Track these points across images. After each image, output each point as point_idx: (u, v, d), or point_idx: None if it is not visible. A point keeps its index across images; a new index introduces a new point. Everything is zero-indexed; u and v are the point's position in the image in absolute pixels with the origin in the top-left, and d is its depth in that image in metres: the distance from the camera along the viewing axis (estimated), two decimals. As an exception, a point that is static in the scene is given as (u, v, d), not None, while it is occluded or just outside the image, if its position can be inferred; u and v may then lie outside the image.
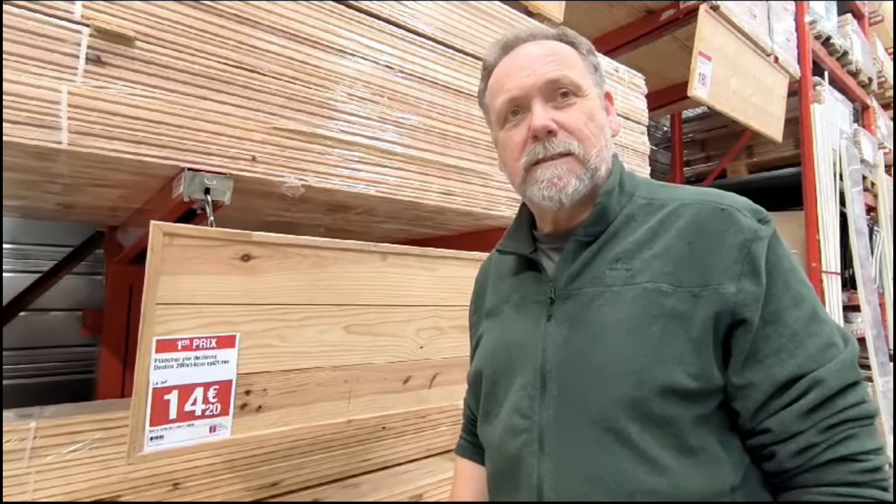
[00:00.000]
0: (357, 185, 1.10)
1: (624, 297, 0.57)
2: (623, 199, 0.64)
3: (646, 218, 0.61)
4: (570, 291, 0.61)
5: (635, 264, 0.58)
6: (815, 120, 2.94)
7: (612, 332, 0.56)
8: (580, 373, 0.57)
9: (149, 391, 0.78)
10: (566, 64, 0.63)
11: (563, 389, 0.57)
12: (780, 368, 0.52)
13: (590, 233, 0.62)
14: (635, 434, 0.52)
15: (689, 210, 0.59)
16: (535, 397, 0.59)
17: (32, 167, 0.88)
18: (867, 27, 4.04)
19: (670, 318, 0.54)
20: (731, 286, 0.53)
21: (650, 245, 0.59)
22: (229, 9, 0.95)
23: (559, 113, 0.61)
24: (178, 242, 0.79)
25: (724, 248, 0.55)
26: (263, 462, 1.21)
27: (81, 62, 0.79)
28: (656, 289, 0.55)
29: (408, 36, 1.22)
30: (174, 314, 0.80)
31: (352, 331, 1.02)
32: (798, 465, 0.51)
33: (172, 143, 0.87)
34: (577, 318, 0.59)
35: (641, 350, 0.54)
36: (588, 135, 0.61)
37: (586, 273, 0.61)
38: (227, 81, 0.94)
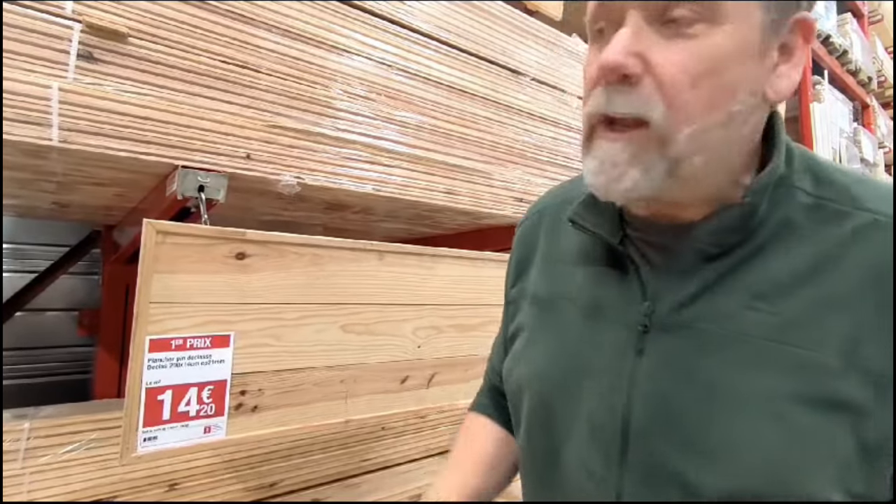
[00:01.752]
0: (354, 184, 1.09)
1: (767, 357, 0.38)
2: (779, 193, 0.41)
3: (812, 230, 0.40)
4: (679, 323, 0.42)
5: (789, 307, 0.38)
6: (814, 119, 2.93)
7: (745, 408, 0.38)
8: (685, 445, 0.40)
9: (142, 391, 0.77)
10: None
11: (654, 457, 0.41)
12: None
13: (722, 242, 0.41)
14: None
15: (886, 233, 0.38)
16: (610, 456, 0.43)
17: (24, 165, 0.88)
18: (866, 26, 4.03)
19: (838, 407, 0.36)
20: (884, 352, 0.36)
21: (816, 280, 0.38)
22: (224, 5, 0.94)
23: (657, 48, 0.37)
24: (171, 241, 0.79)
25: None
26: (261, 462, 1.20)
27: (73, 58, 0.78)
28: (820, 361, 0.37)
29: (406, 33, 1.21)
30: (168, 313, 0.79)
31: (349, 330, 1.01)
32: None
33: (165, 141, 0.86)
34: (689, 368, 0.41)
35: (789, 447, 0.36)
36: (688, 100, 0.37)
37: (707, 301, 0.41)
38: (222, 78, 0.93)
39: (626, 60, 0.37)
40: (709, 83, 0.37)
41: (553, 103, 1.53)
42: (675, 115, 0.37)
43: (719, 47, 0.36)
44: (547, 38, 1.55)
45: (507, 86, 1.41)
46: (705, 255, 0.42)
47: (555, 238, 0.53)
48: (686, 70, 0.37)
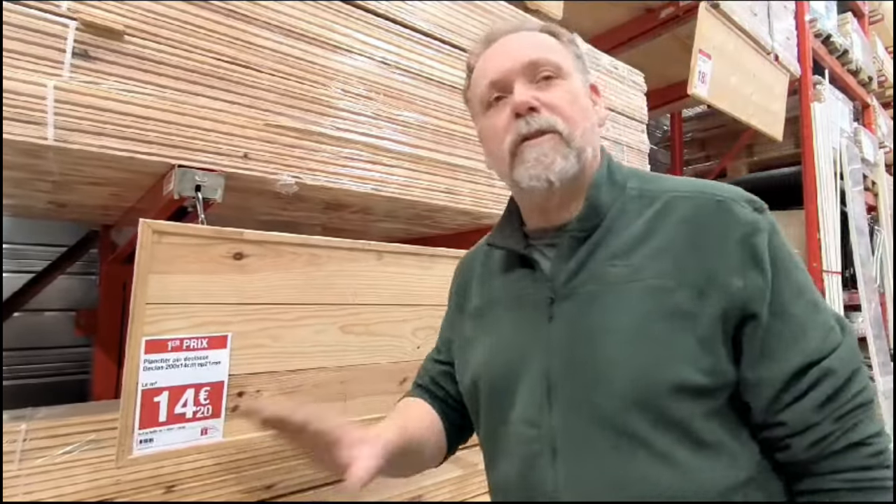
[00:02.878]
0: (354, 183, 1.08)
1: (627, 295, 0.55)
2: (614, 191, 0.62)
3: (639, 211, 0.60)
4: (571, 290, 0.59)
5: (634, 260, 0.57)
6: (815, 119, 2.92)
7: (618, 333, 0.54)
8: (588, 376, 0.55)
9: (138, 393, 0.76)
10: (547, 48, 0.63)
11: (571, 394, 0.56)
12: (790, 361, 0.53)
13: (583, 227, 0.60)
14: (650, 434, 0.52)
15: (684, 203, 0.58)
16: (542, 405, 0.57)
17: (20, 164, 0.87)
18: (867, 26, 4.03)
19: (676, 316, 0.53)
20: (738, 281, 0.53)
21: (647, 240, 0.57)
22: (222, 3, 0.93)
23: (542, 92, 0.60)
24: (167, 241, 0.78)
25: (726, 242, 0.54)
26: (259, 464, 1.19)
27: (68, 57, 0.77)
28: (660, 286, 0.54)
29: (404, 32, 1.21)
30: (164, 314, 0.79)
31: (347, 331, 1.01)
32: (813, 454, 0.52)
33: (162, 140, 0.85)
34: (581, 319, 0.57)
35: (650, 350, 0.53)
36: (571, 115, 0.60)
37: (585, 270, 0.59)
38: (219, 77, 0.92)
39: (531, 99, 0.59)
40: (577, 105, 0.61)
41: (553, 103, 1.53)
42: (570, 124, 0.60)
43: (572, 87, 0.62)
44: (547, 37, 1.54)
45: (507, 85, 1.40)
46: (577, 240, 0.60)
47: (485, 266, 0.72)
48: (563, 99, 0.60)
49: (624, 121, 1.76)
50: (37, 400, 1.17)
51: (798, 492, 0.55)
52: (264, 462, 1.20)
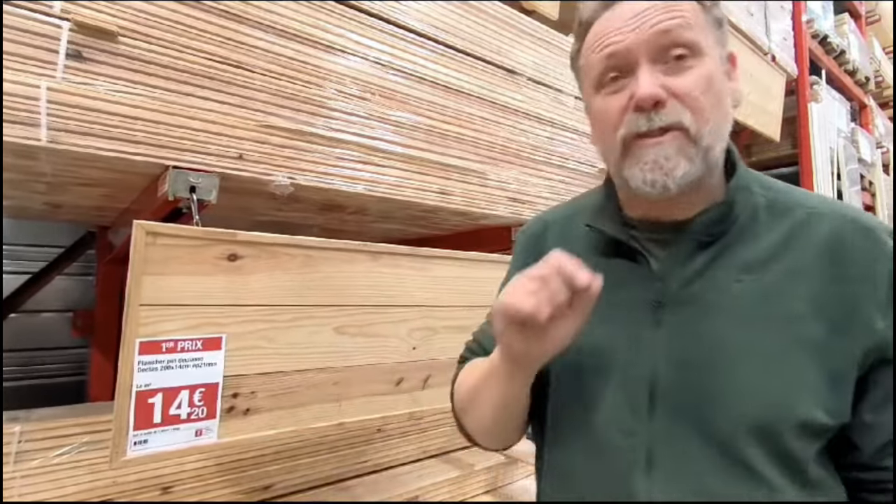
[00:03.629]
0: (347, 184, 1.08)
1: (756, 316, 0.51)
2: (745, 195, 0.55)
3: (770, 222, 0.54)
4: (685, 297, 0.53)
5: (766, 278, 0.51)
6: (812, 119, 2.93)
7: (743, 356, 0.50)
8: (704, 394, 0.51)
9: (132, 394, 0.76)
10: (684, 16, 0.51)
11: (679, 408, 0.51)
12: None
13: (712, 232, 0.54)
14: (759, 464, 0.49)
15: (824, 222, 0.53)
16: (639, 413, 0.53)
17: (14, 165, 0.87)
18: (864, 27, 4.03)
19: (809, 347, 0.49)
20: (881, 321, 0.49)
21: (781, 257, 0.52)
22: (216, 4, 0.93)
23: (671, 78, 0.51)
24: (161, 242, 0.78)
25: (874, 276, 0.50)
26: (255, 465, 1.19)
27: (61, 58, 0.77)
28: (795, 314, 0.50)
29: (400, 33, 1.21)
30: (158, 315, 0.79)
31: (342, 332, 1.01)
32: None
33: (156, 141, 0.85)
34: (697, 332, 0.52)
35: (778, 381, 0.49)
36: (704, 105, 0.51)
37: (705, 278, 0.53)
38: (213, 78, 0.92)
39: (658, 91, 0.50)
40: (711, 93, 0.52)
41: (549, 103, 1.53)
42: (699, 118, 0.51)
43: (708, 70, 0.52)
44: (543, 37, 1.54)
45: (503, 85, 1.41)
46: (700, 243, 0.54)
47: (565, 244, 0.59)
48: (696, 87, 0.51)
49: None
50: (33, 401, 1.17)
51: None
52: (261, 463, 1.20)
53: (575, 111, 1.60)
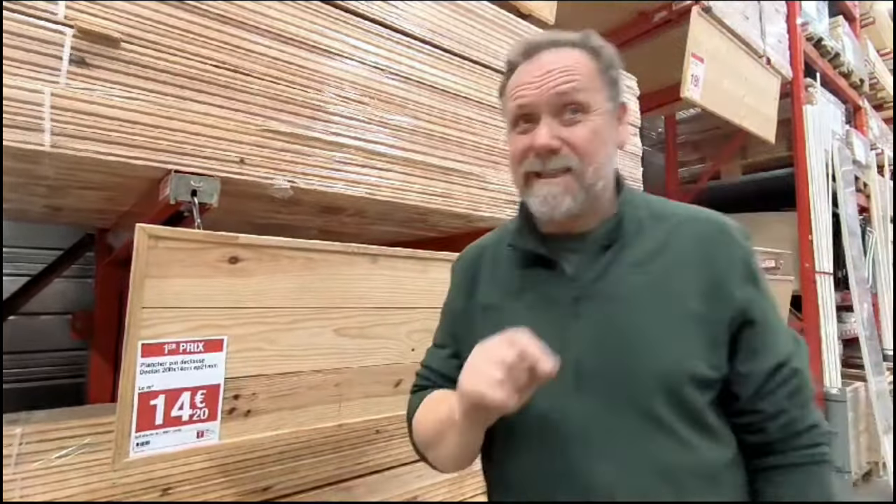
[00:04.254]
0: (348, 187, 1.09)
1: (651, 299, 0.64)
2: (632, 209, 0.70)
3: (652, 229, 0.68)
4: (596, 291, 0.65)
5: (654, 270, 0.65)
6: (807, 121, 2.95)
7: (646, 332, 0.62)
8: (617, 370, 0.62)
9: (134, 396, 0.77)
10: (579, 79, 0.64)
11: (600, 385, 0.62)
12: (770, 358, 0.65)
13: (610, 238, 0.67)
14: (670, 419, 0.61)
15: (693, 226, 0.68)
16: (569, 394, 0.63)
17: (16, 169, 0.87)
18: (858, 29, 4.07)
19: (692, 318, 0.63)
20: (740, 292, 0.64)
21: (663, 253, 0.66)
22: (215, 10, 0.94)
23: (565, 129, 0.64)
24: (163, 245, 0.79)
25: (731, 260, 0.65)
26: (255, 466, 1.20)
27: (65, 63, 0.78)
28: (679, 293, 0.63)
29: (398, 37, 1.22)
30: (160, 318, 0.79)
31: (342, 333, 1.02)
32: (782, 435, 0.64)
33: (158, 145, 0.86)
34: (608, 318, 0.64)
35: (674, 347, 0.62)
36: (591, 152, 0.64)
37: (610, 275, 0.65)
38: (214, 83, 0.93)
39: (552, 142, 0.64)
40: (597, 141, 0.65)
41: (546, 106, 1.54)
42: (585, 161, 0.64)
43: (595, 124, 0.65)
44: (540, 41, 1.55)
45: (501, 89, 1.42)
46: (601, 247, 0.67)
47: (496, 264, 0.75)
48: (583, 139, 0.64)
49: (617, 124, 1.78)
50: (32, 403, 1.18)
51: (765, 467, 0.65)
52: (261, 464, 1.20)
53: (572, 114, 1.61)
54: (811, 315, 2.81)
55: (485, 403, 0.53)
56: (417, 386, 0.80)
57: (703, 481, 0.61)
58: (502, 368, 0.53)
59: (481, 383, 0.53)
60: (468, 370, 0.56)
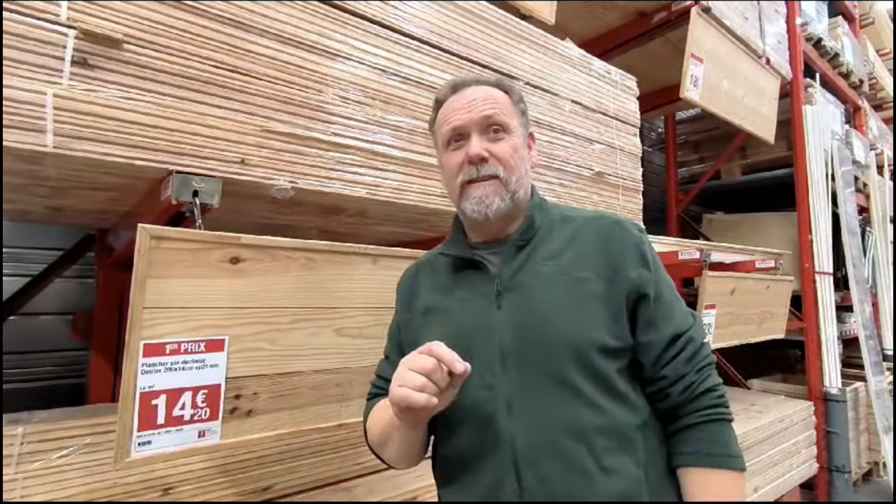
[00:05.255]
0: (349, 188, 1.10)
1: (559, 284, 0.74)
2: (543, 214, 0.82)
3: (562, 229, 0.80)
4: (515, 284, 0.76)
5: (563, 261, 0.76)
6: (806, 121, 2.96)
7: (556, 311, 0.73)
8: (534, 345, 0.72)
9: (136, 396, 0.77)
10: (499, 107, 0.79)
11: (521, 360, 0.72)
12: (667, 329, 0.74)
13: (524, 238, 0.79)
14: (581, 384, 0.70)
15: (595, 223, 0.80)
16: (495, 371, 0.72)
17: (18, 170, 0.88)
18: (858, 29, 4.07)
19: (595, 297, 0.73)
20: (634, 273, 0.75)
21: (571, 246, 0.78)
22: (218, 11, 0.94)
23: (491, 145, 0.77)
24: (165, 245, 0.79)
25: (625, 248, 0.77)
26: (256, 466, 1.20)
27: (67, 65, 0.78)
28: (582, 278, 0.74)
29: (399, 38, 1.22)
30: (162, 318, 0.80)
31: (343, 333, 1.02)
32: (683, 399, 0.73)
33: (160, 146, 0.86)
34: (525, 304, 0.74)
35: (580, 321, 0.72)
36: (512, 164, 0.78)
37: (525, 269, 0.77)
38: (215, 83, 0.93)
39: (483, 151, 0.77)
40: (517, 156, 0.79)
41: (546, 107, 1.55)
42: (509, 171, 0.78)
43: (515, 142, 0.79)
44: (540, 42, 1.56)
45: (501, 90, 1.42)
46: (517, 247, 0.79)
47: (433, 274, 0.87)
48: (506, 152, 0.78)
49: (617, 125, 1.78)
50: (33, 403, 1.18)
51: (671, 432, 0.74)
52: (262, 464, 1.21)
53: (572, 115, 1.62)
54: (811, 315, 2.82)
55: (410, 406, 0.61)
56: (371, 394, 0.90)
57: (612, 440, 0.69)
58: (422, 375, 0.62)
59: (405, 389, 0.62)
60: (395, 379, 0.64)
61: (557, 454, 0.68)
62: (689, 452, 0.72)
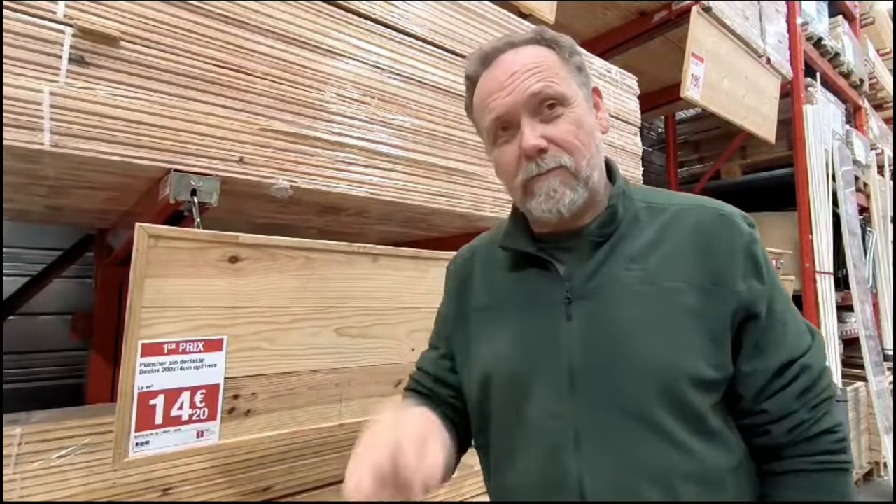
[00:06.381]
0: (349, 187, 1.09)
1: (645, 296, 0.60)
2: (627, 201, 0.66)
3: (650, 220, 0.65)
4: (589, 291, 0.62)
5: (650, 264, 0.61)
6: (807, 121, 2.95)
7: (639, 330, 0.59)
8: (610, 370, 0.59)
9: (134, 396, 0.77)
10: (547, 73, 0.62)
11: (593, 387, 0.59)
12: (776, 356, 0.60)
13: (603, 233, 0.64)
14: (666, 422, 0.57)
15: (691, 214, 0.64)
16: (563, 397, 0.60)
17: (17, 169, 0.87)
18: (858, 29, 4.07)
19: (690, 314, 0.59)
20: (742, 285, 0.60)
21: (660, 246, 0.62)
22: (216, 9, 0.94)
23: (548, 127, 0.62)
24: (163, 244, 0.78)
25: (732, 250, 0.61)
26: (255, 466, 1.20)
27: (64, 62, 0.78)
28: (674, 288, 0.60)
29: (400, 37, 1.22)
30: (160, 317, 0.79)
31: (342, 333, 1.01)
32: (790, 439, 0.59)
33: (158, 145, 0.86)
34: (600, 318, 0.61)
35: (669, 345, 0.58)
36: (578, 145, 0.62)
37: (602, 273, 0.63)
38: (215, 82, 0.93)
39: (539, 141, 0.61)
40: (582, 133, 0.63)
41: (547, 106, 1.54)
42: (577, 156, 0.62)
43: (576, 115, 0.63)
44: (540, 41, 1.55)
45: (501, 89, 1.41)
46: (594, 244, 0.64)
47: (488, 266, 0.73)
48: (568, 133, 0.62)
49: (618, 124, 1.78)
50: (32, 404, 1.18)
51: (771, 472, 0.61)
52: (261, 464, 1.20)
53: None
54: (811, 315, 2.81)
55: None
56: (409, 388, 0.79)
57: (702, 488, 0.57)
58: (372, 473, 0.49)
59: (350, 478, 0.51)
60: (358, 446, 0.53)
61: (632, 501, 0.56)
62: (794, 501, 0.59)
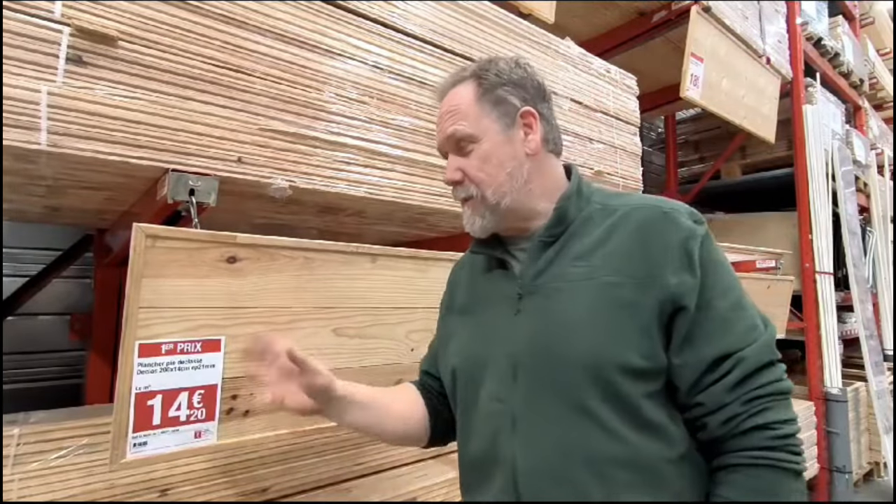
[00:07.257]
0: (348, 187, 1.09)
1: (584, 291, 0.65)
2: (581, 203, 0.71)
3: (601, 220, 0.69)
4: (536, 287, 0.68)
5: (594, 261, 0.66)
6: (807, 121, 2.95)
7: (577, 322, 0.63)
8: (547, 359, 0.64)
9: (131, 396, 0.77)
10: (461, 116, 0.71)
11: (532, 374, 0.65)
12: (710, 349, 0.61)
13: (552, 234, 0.70)
14: (600, 410, 0.60)
15: (638, 213, 0.67)
16: (506, 383, 0.67)
17: (14, 169, 0.87)
18: (858, 29, 4.07)
19: (625, 307, 0.62)
20: (673, 278, 0.62)
21: (605, 244, 0.66)
22: (216, 9, 0.94)
23: (462, 160, 0.72)
24: (161, 245, 0.78)
25: (666, 245, 0.64)
26: (254, 467, 1.19)
27: (62, 62, 0.77)
28: (611, 282, 0.64)
29: (399, 37, 1.22)
30: (158, 317, 0.79)
31: (341, 333, 1.01)
32: (724, 433, 0.60)
33: (156, 144, 0.86)
34: (544, 311, 0.66)
35: (601, 336, 0.62)
36: (483, 177, 0.70)
37: (551, 270, 0.68)
38: (213, 82, 0.93)
39: (454, 174, 0.72)
40: (487, 167, 0.70)
41: (546, 106, 1.54)
42: (483, 187, 0.70)
43: (483, 150, 0.71)
44: (539, 40, 1.55)
45: (500, 89, 1.41)
46: (543, 244, 0.70)
47: (473, 271, 0.82)
48: (474, 167, 0.71)
49: (617, 124, 1.78)
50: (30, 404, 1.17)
51: (714, 468, 0.63)
52: (260, 464, 1.20)
53: (571, 114, 1.61)
54: (811, 315, 2.81)
55: None
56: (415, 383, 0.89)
57: (637, 475, 0.59)
58: None
59: None
60: None
61: (563, 483, 0.60)
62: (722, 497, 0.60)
